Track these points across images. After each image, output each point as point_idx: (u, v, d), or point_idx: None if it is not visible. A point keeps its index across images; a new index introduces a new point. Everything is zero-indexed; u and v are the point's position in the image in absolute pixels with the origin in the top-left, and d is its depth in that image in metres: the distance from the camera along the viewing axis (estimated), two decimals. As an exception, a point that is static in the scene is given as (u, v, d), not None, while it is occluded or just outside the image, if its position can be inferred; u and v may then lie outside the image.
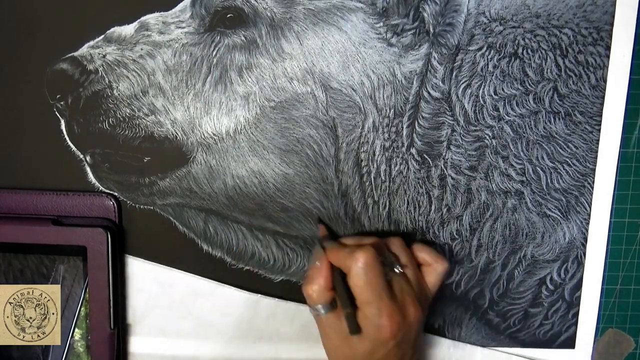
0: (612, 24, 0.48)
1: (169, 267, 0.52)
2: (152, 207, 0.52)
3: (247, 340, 0.54)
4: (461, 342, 0.54)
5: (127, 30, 0.48)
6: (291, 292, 0.53)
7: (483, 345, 0.54)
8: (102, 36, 0.48)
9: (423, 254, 0.48)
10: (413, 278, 0.46)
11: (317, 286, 0.44)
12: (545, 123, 0.50)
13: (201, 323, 0.53)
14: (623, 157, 0.51)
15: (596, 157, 0.50)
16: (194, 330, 0.54)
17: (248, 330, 0.54)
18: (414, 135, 0.50)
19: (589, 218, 0.51)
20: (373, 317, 0.43)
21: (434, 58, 0.49)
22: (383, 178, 0.50)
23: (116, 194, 0.51)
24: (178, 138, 0.49)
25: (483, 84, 0.49)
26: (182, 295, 0.53)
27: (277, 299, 0.53)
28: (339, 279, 0.45)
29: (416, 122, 0.50)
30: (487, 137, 0.50)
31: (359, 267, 0.43)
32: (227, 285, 0.53)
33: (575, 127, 0.50)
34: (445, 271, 0.48)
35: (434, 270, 0.47)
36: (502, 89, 0.49)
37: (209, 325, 0.53)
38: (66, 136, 0.50)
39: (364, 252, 0.43)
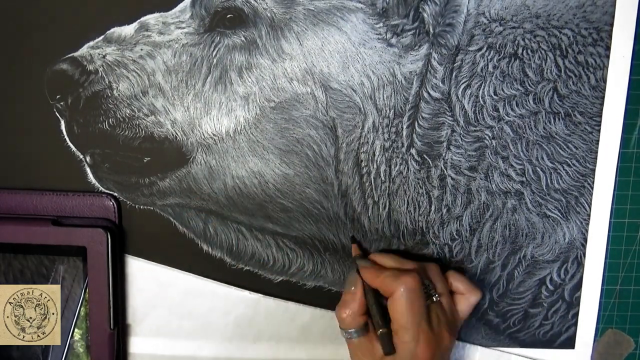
0: (612, 25, 0.48)
1: (169, 267, 0.52)
2: (152, 208, 0.52)
3: (246, 340, 0.54)
4: (460, 342, 0.54)
5: (127, 30, 0.48)
6: (291, 292, 0.53)
7: (483, 345, 0.54)
8: (102, 36, 0.48)
9: (457, 283, 0.48)
10: (447, 306, 0.47)
11: (351, 311, 0.46)
12: (545, 123, 0.50)
13: (201, 323, 0.53)
14: (623, 158, 0.51)
15: (596, 158, 0.50)
16: (194, 330, 0.54)
17: (248, 330, 0.54)
18: (414, 135, 0.50)
19: (589, 218, 0.51)
20: (409, 343, 0.43)
21: (434, 58, 0.49)
22: (383, 178, 0.51)
23: (116, 194, 0.51)
24: (178, 138, 0.49)
25: (483, 85, 0.49)
26: (182, 295, 0.53)
27: (277, 299, 0.53)
28: (372, 300, 0.46)
29: (416, 123, 0.50)
30: (487, 138, 0.50)
31: (403, 292, 0.44)
32: (227, 285, 0.53)
33: (575, 128, 0.50)
34: (478, 301, 0.48)
35: (466, 299, 0.48)
36: (502, 90, 0.49)
37: (208, 325, 0.53)
38: (66, 136, 0.50)
39: (410, 277, 0.44)
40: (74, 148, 0.50)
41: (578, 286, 0.53)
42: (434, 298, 0.46)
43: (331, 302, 0.53)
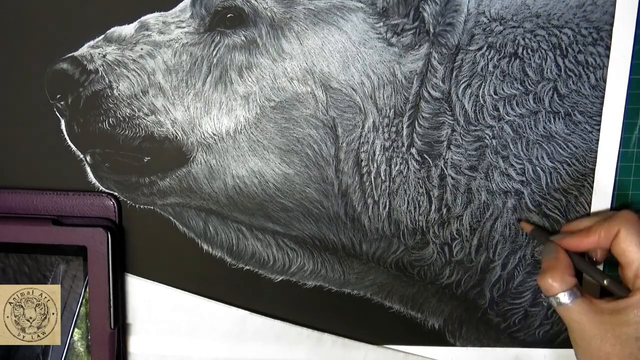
0: (612, 24, 0.48)
1: (168, 267, 0.52)
2: (152, 207, 0.52)
3: (247, 336, 0.54)
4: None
5: (127, 30, 0.48)
6: (291, 292, 0.53)
7: (483, 345, 0.54)
8: (102, 36, 0.48)
9: None
10: None
11: (559, 273, 0.42)
12: (545, 123, 0.50)
13: (201, 323, 0.53)
14: (623, 157, 0.51)
15: (596, 157, 0.50)
16: (194, 330, 0.53)
17: (244, 327, 0.54)
18: (414, 135, 0.50)
19: (589, 218, 0.52)
20: None
21: (434, 58, 0.49)
22: (383, 178, 0.51)
23: (116, 193, 0.51)
24: (178, 138, 0.49)
25: (483, 84, 0.49)
26: (182, 295, 0.53)
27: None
28: (581, 262, 0.44)
29: (416, 122, 0.50)
30: (487, 137, 0.50)
31: (630, 225, 0.42)
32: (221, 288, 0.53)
33: (575, 127, 0.50)
34: None
35: None
36: (502, 89, 0.49)
37: (209, 325, 0.53)
38: (66, 136, 0.50)
39: (626, 213, 0.43)
40: (74, 148, 0.50)
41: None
42: None
43: (330, 302, 0.53)
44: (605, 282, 0.43)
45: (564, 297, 0.42)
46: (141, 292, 0.53)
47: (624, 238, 0.42)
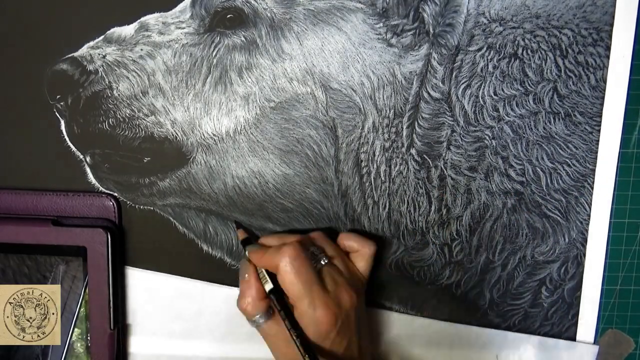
0: (612, 25, 0.48)
1: (168, 268, 0.52)
2: (152, 208, 0.52)
3: (242, 337, 0.54)
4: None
5: (127, 30, 0.48)
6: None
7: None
8: (102, 36, 0.48)
9: (349, 242, 0.49)
10: (342, 267, 0.47)
11: (250, 298, 0.45)
12: (545, 123, 0.50)
13: (201, 323, 0.53)
14: (623, 158, 0.51)
15: (596, 158, 0.50)
16: (194, 330, 0.54)
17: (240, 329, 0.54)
18: (414, 135, 0.50)
19: (589, 219, 0.51)
20: (308, 310, 0.43)
21: (434, 58, 0.49)
22: (383, 178, 0.51)
23: (116, 194, 0.51)
24: (178, 138, 0.49)
25: (483, 85, 0.49)
26: (182, 295, 0.53)
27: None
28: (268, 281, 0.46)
29: (416, 123, 0.50)
30: (487, 138, 0.50)
31: (287, 261, 0.44)
32: (219, 285, 0.53)
33: (575, 128, 0.50)
34: (374, 253, 0.49)
35: (361, 255, 0.48)
36: (502, 90, 0.49)
37: (208, 324, 0.53)
38: (66, 136, 0.50)
39: (290, 247, 0.44)
40: (74, 148, 0.50)
41: (578, 286, 0.53)
42: (322, 262, 0.46)
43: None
44: (281, 314, 0.45)
45: (257, 320, 0.46)
46: (141, 292, 0.53)
47: (282, 270, 0.44)
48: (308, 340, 0.44)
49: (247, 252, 0.48)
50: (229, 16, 0.48)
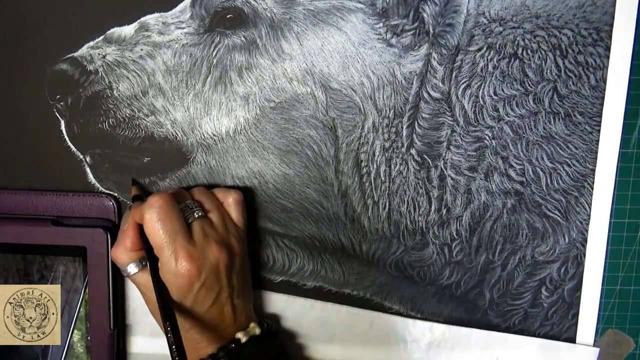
0: (611, 25, 0.48)
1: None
2: (152, 208, 0.52)
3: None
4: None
5: (127, 30, 0.48)
6: (291, 292, 0.53)
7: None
8: (102, 36, 0.48)
9: (219, 194, 0.48)
10: (218, 221, 0.46)
11: (122, 248, 0.45)
12: (545, 124, 0.50)
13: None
14: (623, 158, 0.51)
15: (596, 158, 0.50)
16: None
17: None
18: (414, 135, 0.50)
19: (589, 219, 0.51)
20: (168, 261, 0.43)
21: (434, 58, 0.49)
22: (383, 178, 0.51)
23: (116, 194, 0.51)
24: (178, 138, 0.49)
25: (483, 85, 0.49)
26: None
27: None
28: (145, 237, 0.45)
29: (416, 123, 0.50)
30: (487, 138, 0.50)
31: (152, 211, 0.43)
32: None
33: (575, 128, 0.50)
34: (239, 200, 0.48)
35: (230, 205, 0.48)
36: (502, 90, 0.49)
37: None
38: (66, 136, 0.50)
39: (156, 197, 0.44)
40: (74, 148, 0.50)
41: (578, 286, 0.53)
42: (196, 214, 0.45)
43: (329, 301, 0.53)
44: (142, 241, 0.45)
45: (131, 268, 0.46)
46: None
47: (147, 220, 0.43)
48: (168, 296, 0.43)
49: (131, 207, 0.47)
50: (228, 16, 0.48)
